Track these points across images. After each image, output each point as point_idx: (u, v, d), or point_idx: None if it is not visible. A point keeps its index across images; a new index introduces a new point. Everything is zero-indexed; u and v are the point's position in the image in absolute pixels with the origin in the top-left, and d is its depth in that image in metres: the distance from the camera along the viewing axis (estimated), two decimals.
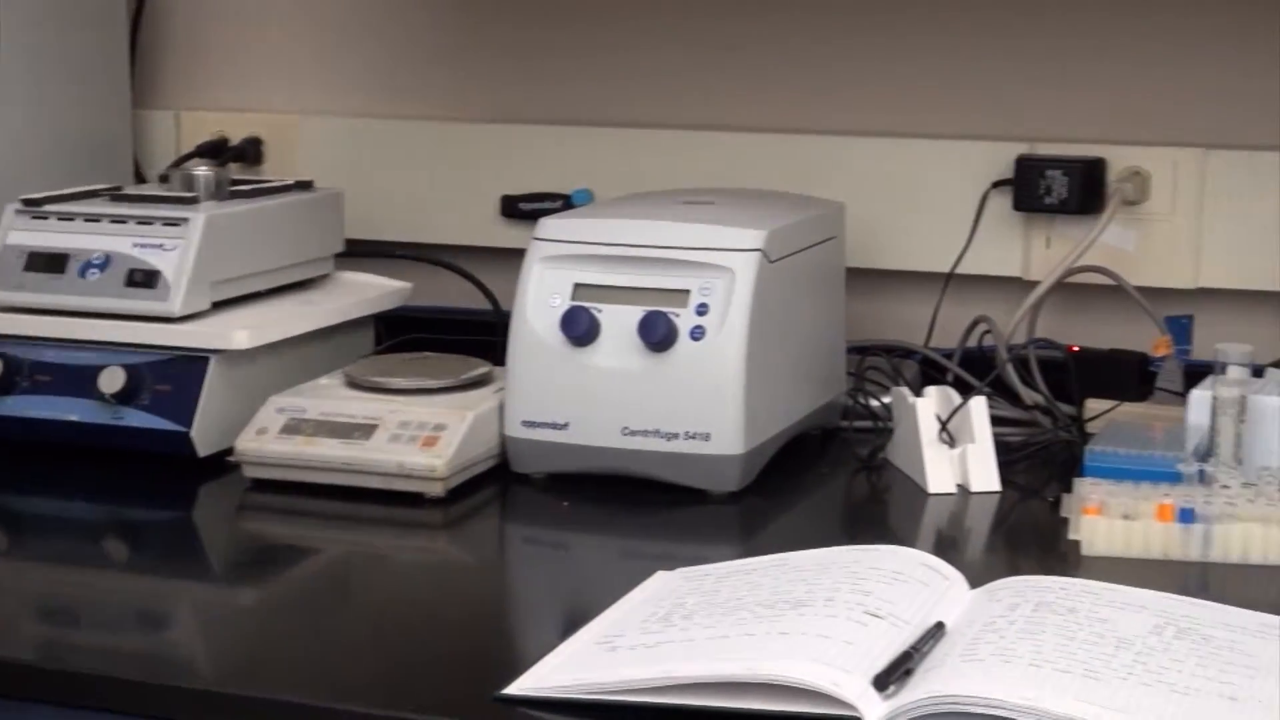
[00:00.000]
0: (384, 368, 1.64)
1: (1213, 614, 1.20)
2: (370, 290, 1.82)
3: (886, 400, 1.67)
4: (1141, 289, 1.76)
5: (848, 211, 1.73)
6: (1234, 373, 1.47)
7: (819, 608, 1.17)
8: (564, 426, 1.53)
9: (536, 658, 1.15)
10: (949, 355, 1.76)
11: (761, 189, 1.81)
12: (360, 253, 1.91)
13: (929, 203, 1.85)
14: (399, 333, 1.85)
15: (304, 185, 1.82)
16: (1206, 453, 1.47)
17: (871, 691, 1.07)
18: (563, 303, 1.54)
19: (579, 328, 1.52)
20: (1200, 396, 1.50)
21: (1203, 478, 1.42)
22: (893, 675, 1.08)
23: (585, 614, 1.22)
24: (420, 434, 1.52)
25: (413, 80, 2.04)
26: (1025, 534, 1.50)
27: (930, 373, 1.76)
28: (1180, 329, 1.77)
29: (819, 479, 1.62)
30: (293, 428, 1.54)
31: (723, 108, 1.93)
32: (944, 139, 1.84)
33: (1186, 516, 1.36)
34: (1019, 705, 1.03)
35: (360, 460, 1.51)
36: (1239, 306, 1.77)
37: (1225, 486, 1.40)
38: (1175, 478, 1.43)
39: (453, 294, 1.93)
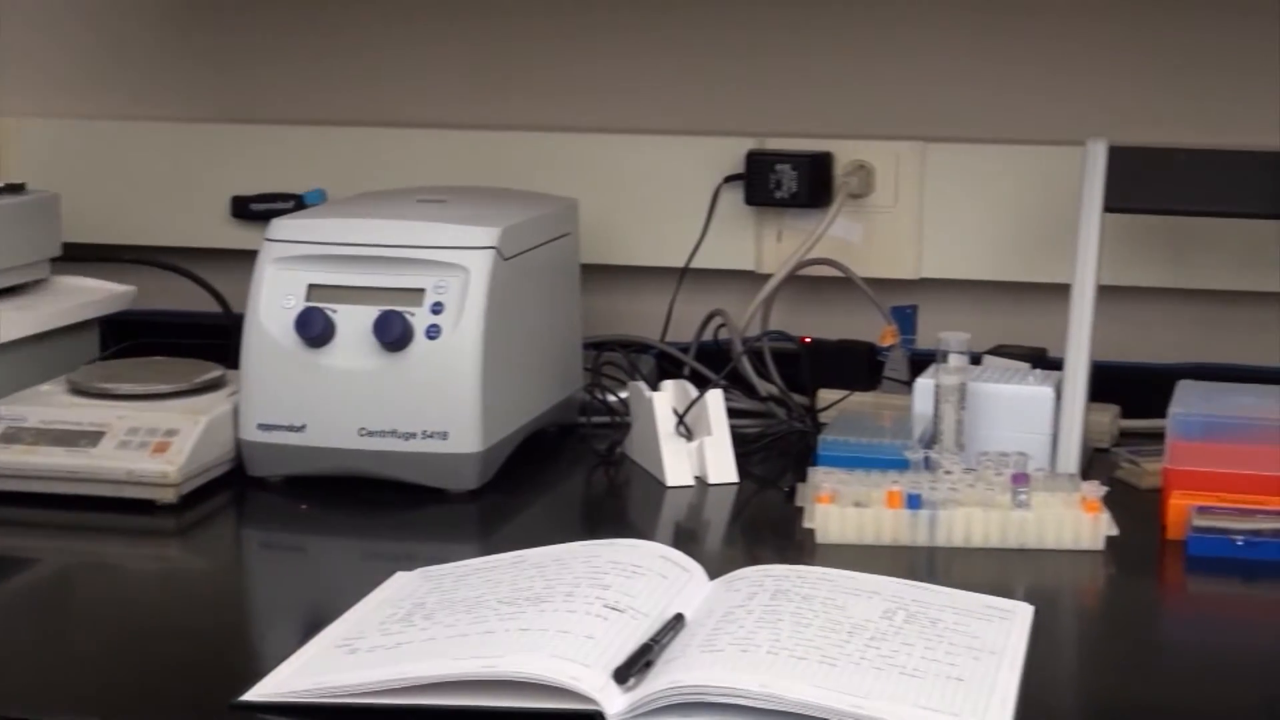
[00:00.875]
0: (110, 373, 1.60)
1: (940, 597, 1.24)
2: (90, 294, 1.77)
3: (623, 395, 1.69)
4: (869, 280, 1.80)
5: (581, 208, 1.74)
6: (954, 361, 1.52)
7: (559, 603, 1.18)
8: (300, 429, 1.52)
9: (276, 663, 1.13)
10: (685, 349, 1.79)
11: (495, 187, 1.81)
12: (83, 256, 1.85)
13: (662, 198, 1.86)
14: (126, 338, 1.80)
15: (15, 188, 1.76)
16: (931, 439, 1.52)
17: (612, 685, 1.08)
18: (297, 304, 1.52)
19: (314, 329, 1.51)
20: (924, 385, 1.55)
21: (928, 464, 1.47)
22: (633, 668, 1.09)
23: (325, 617, 1.21)
24: (151, 440, 1.48)
25: (138, 81, 1.99)
26: (762, 524, 1.53)
27: (667, 367, 1.78)
28: (905, 319, 1.82)
29: (558, 475, 1.62)
30: (11, 436, 1.50)
31: (456, 106, 1.92)
32: (676, 135, 1.87)
33: (914, 502, 1.40)
34: (756, 693, 1.05)
35: (86, 468, 1.47)
36: (959, 295, 1.83)
37: (948, 472, 1.44)
38: (903, 465, 1.47)
39: (182, 298, 1.89)
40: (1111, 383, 1.65)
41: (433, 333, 1.50)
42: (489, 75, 1.92)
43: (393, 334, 1.49)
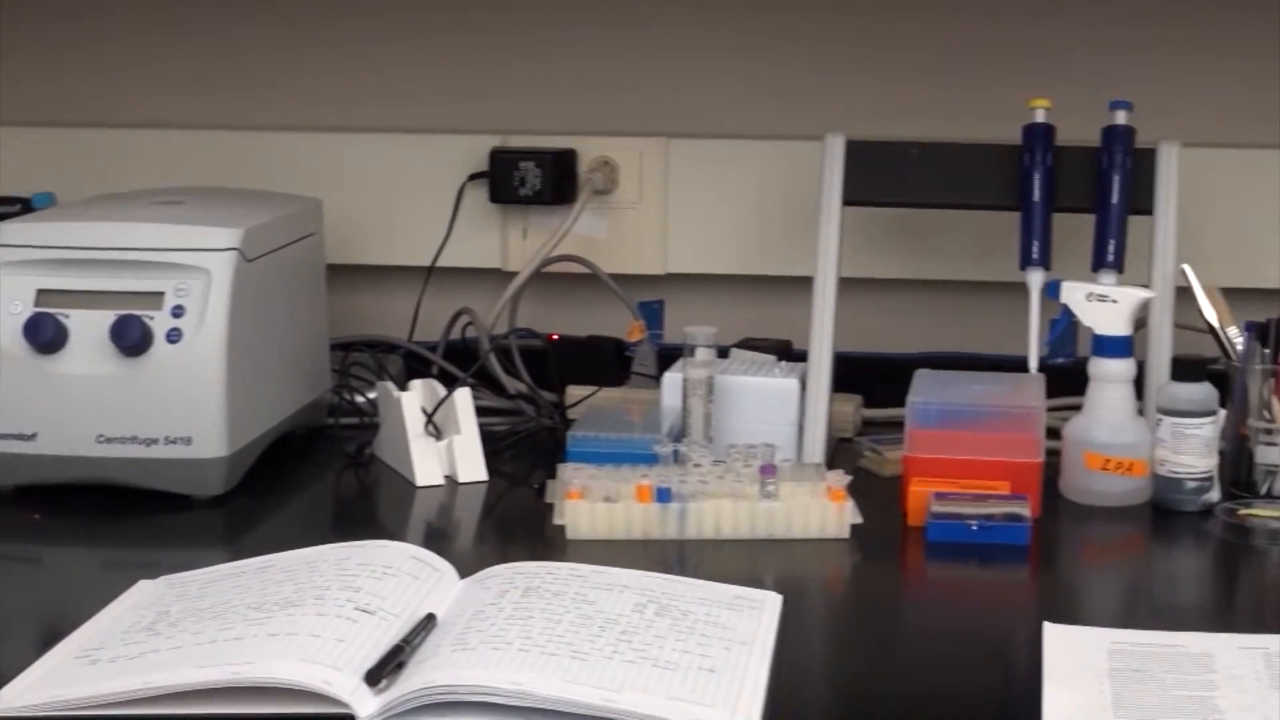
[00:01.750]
0: None
1: (691, 589, 1.25)
2: None
3: (372, 395, 1.67)
4: (615, 276, 1.81)
5: (325, 208, 1.72)
6: (701, 354, 1.53)
7: (309, 607, 1.17)
8: (31, 437, 1.47)
9: (10, 677, 1.10)
10: (433, 348, 1.78)
11: (235, 187, 1.77)
12: None
13: (406, 197, 1.85)
14: None
15: None
16: (680, 433, 1.53)
17: (364, 687, 1.07)
18: (24, 310, 1.48)
19: (44, 335, 1.47)
20: (672, 379, 1.56)
21: (677, 458, 1.48)
22: (384, 670, 1.09)
23: (63, 629, 1.18)
24: None
25: None
26: (513, 521, 1.53)
27: (415, 366, 1.77)
28: (652, 314, 1.84)
29: (307, 478, 1.60)
30: None
31: (193, 106, 1.88)
32: (418, 133, 1.85)
33: (664, 496, 1.41)
34: (508, 690, 1.05)
35: None
36: (705, 290, 1.85)
37: (698, 465, 1.45)
38: (652, 459, 1.48)
39: None
40: (854, 373, 1.69)
41: (174, 336, 1.47)
42: (227, 74, 1.88)
43: (131, 338, 1.46)
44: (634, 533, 1.40)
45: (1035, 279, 1.61)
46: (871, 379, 1.71)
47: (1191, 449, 1.47)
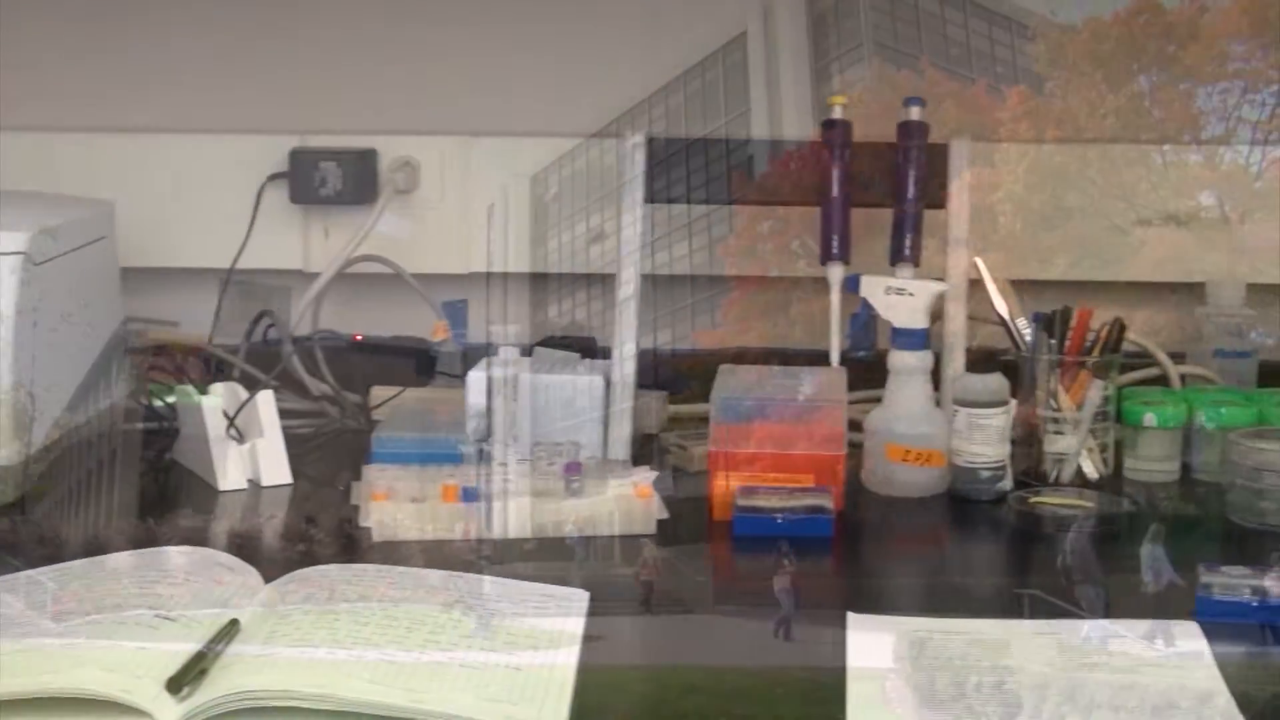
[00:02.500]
0: None
1: (498, 589, 1.25)
2: None
3: (171, 400, 1.65)
4: (418, 275, 1.80)
5: (121, 210, 1.69)
6: (505, 353, 1.53)
7: (108, 615, 1.15)
8: None
9: None
10: (234, 350, 1.75)
11: (20, 190, 1.73)
12: None
13: (205, 198, 1.83)
14: None
15: None
16: (486, 432, 1.53)
17: (165, 695, 1.06)
18: None
19: None
20: (476, 378, 1.56)
21: (483, 457, 1.48)
22: (186, 676, 1.07)
23: None
24: None
25: None
26: (319, 524, 1.51)
27: (216, 369, 1.74)
28: (456, 313, 1.83)
29: (104, 484, 1.57)
30: None
31: None
32: (216, 133, 1.83)
33: (469, 496, 1.41)
34: (312, 694, 1.05)
35: None
36: (509, 288, 1.85)
37: (503, 464, 1.45)
38: (458, 459, 1.48)
39: None
40: (659, 369, 1.70)
41: None
42: (10, 73, 1.84)
43: None
44: (440, 533, 1.40)
45: (835, 274, 1.63)
46: (676, 375, 1.73)
47: (985, 439, 1.50)
